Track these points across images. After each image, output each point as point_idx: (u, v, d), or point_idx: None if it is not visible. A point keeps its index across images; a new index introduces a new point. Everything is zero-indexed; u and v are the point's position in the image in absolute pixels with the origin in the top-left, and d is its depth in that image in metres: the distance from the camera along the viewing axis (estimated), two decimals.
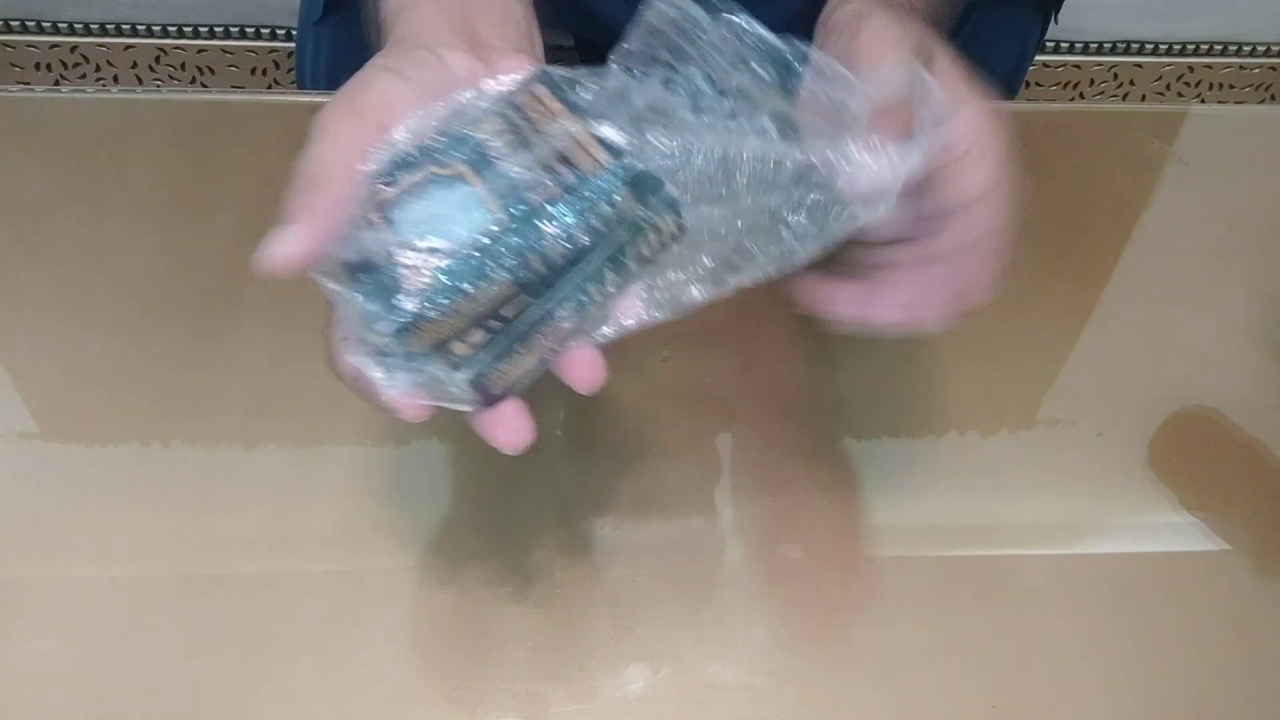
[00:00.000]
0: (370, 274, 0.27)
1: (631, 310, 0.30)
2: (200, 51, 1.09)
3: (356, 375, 0.29)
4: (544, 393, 0.45)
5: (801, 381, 0.47)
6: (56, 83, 1.09)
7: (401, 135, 0.29)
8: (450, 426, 0.44)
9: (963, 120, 0.33)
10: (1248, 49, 1.18)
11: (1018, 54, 0.68)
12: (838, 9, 0.36)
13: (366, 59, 0.51)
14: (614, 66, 0.30)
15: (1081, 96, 1.20)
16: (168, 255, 0.50)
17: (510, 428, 0.30)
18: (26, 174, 0.54)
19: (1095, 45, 1.18)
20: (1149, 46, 1.18)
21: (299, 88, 0.71)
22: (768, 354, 0.48)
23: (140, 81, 1.10)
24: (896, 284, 0.35)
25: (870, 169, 0.29)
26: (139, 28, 1.08)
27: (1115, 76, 1.20)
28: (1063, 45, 1.17)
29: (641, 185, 0.27)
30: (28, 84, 1.00)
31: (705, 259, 0.29)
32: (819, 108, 0.31)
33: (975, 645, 0.38)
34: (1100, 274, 0.54)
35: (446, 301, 0.26)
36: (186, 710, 0.35)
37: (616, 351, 0.47)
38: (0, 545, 0.39)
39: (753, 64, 0.29)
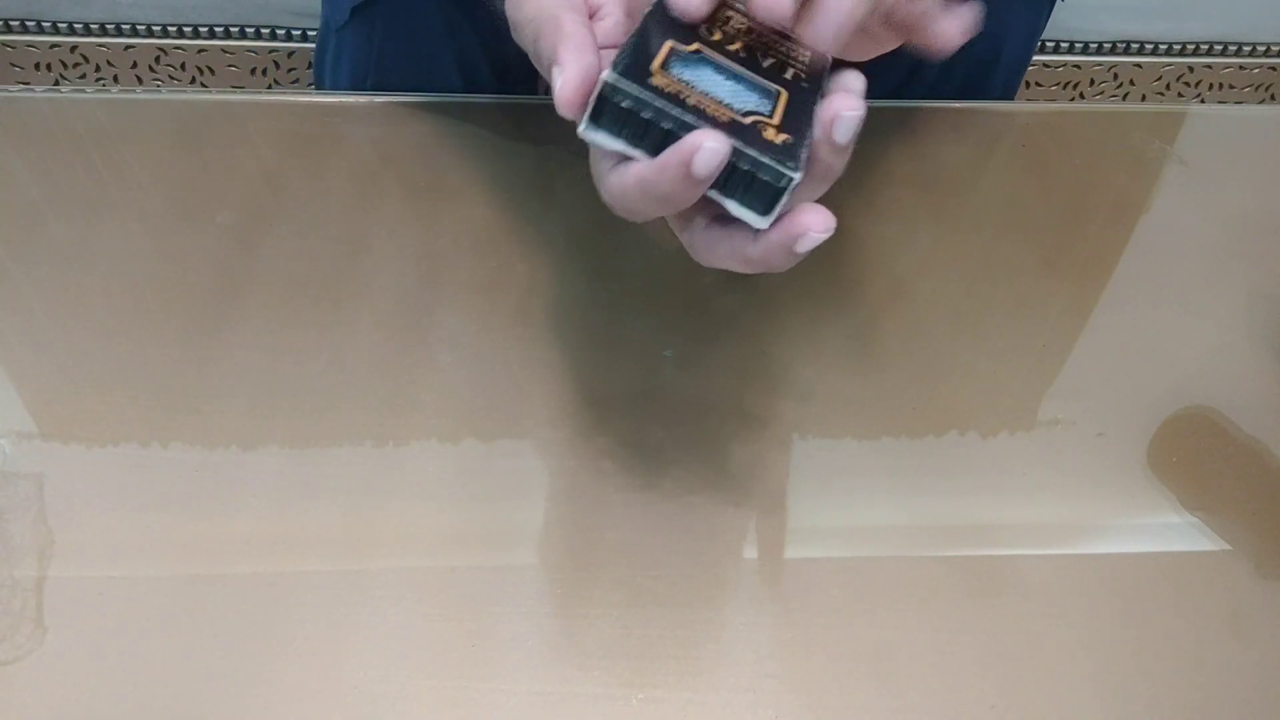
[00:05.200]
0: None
1: None
2: (200, 51, 1.09)
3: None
4: (543, 393, 0.45)
5: (802, 380, 0.47)
6: (56, 83, 1.09)
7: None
8: (450, 427, 0.44)
9: None
10: (1248, 49, 1.18)
11: (1026, 34, 0.68)
12: None
13: (387, 63, 0.53)
14: None
15: (1081, 96, 1.20)
16: (168, 255, 0.50)
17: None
18: (26, 174, 0.54)
19: (1095, 45, 1.18)
20: (1149, 46, 1.18)
21: (316, 87, 0.71)
22: (768, 353, 0.48)
23: (140, 81, 1.10)
24: None
25: None
26: (139, 28, 1.08)
27: (1115, 76, 1.20)
28: (1063, 45, 1.17)
29: None
30: (28, 84, 1.00)
31: None
32: None
33: (975, 645, 0.38)
34: (1100, 274, 0.54)
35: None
36: (186, 710, 0.35)
37: (617, 349, 0.48)
38: (0, 546, 0.39)
39: None
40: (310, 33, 1.07)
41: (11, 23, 1.07)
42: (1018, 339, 0.50)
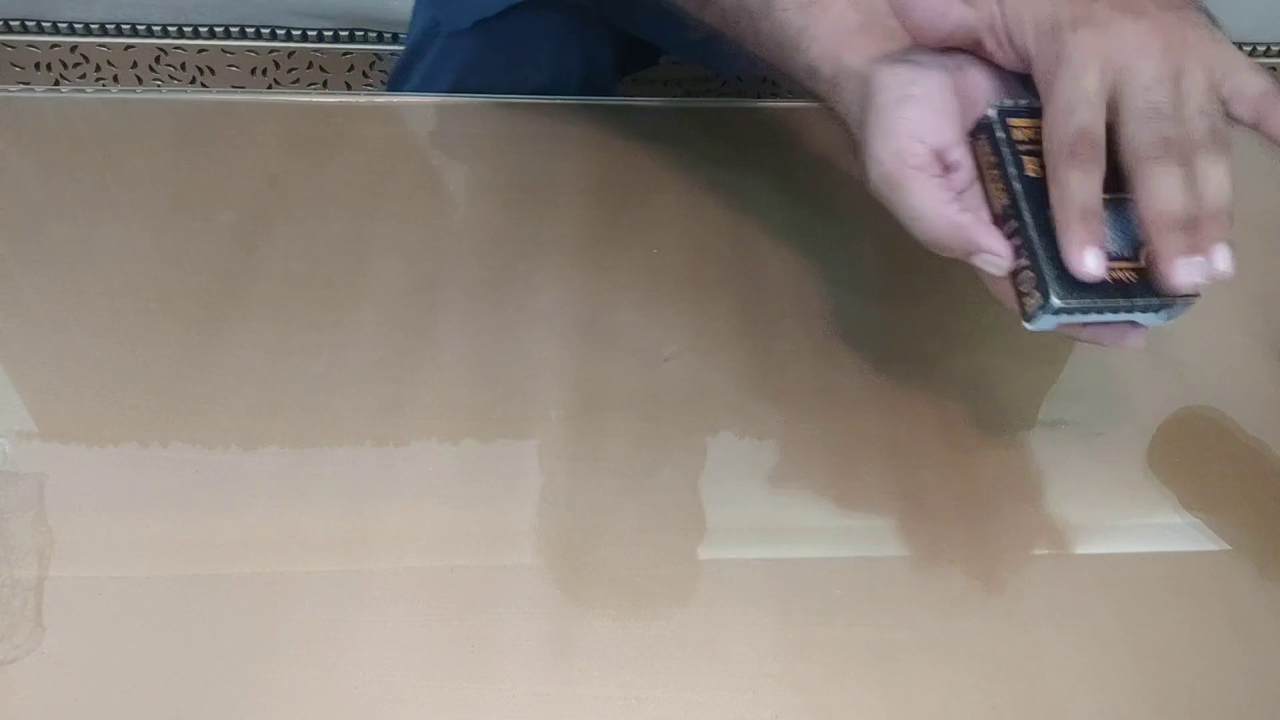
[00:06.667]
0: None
1: None
2: (200, 51, 1.09)
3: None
4: (543, 393, 0.45)
5: (801, 382, 0.47)
6: (56, 83, 1.09)
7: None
8: (450, 427, 0.44)
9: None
10: (1248, 49, 1.18)
11: None
12: None
13: (489, 71, 0.62)
14: None
15: None
16: (168, 255, 0.50)
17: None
18: (26, 174, 0.54)
19: None
20: None
21: (390, 89, 0.71)
22: (768, 354, 0.48)
23: (140, 81, 1.10)
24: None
25: None
26: (139, 28, 1.07)
27: None
28: None
29: None
30: (28, 84, 1.00)
31: None
32: None
33: (975, 645, 0.38)
34: None
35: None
36: (186, 710, 0.35)
37: (617, 350, 0.48)
38: (0, 546, 0.39)
39: None
40: (310, 33, 1.07)
41: (11, 23, 1.07)
42: (1018, 339, 0.50)
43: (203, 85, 1.10)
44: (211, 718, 0.35)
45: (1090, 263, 0.35)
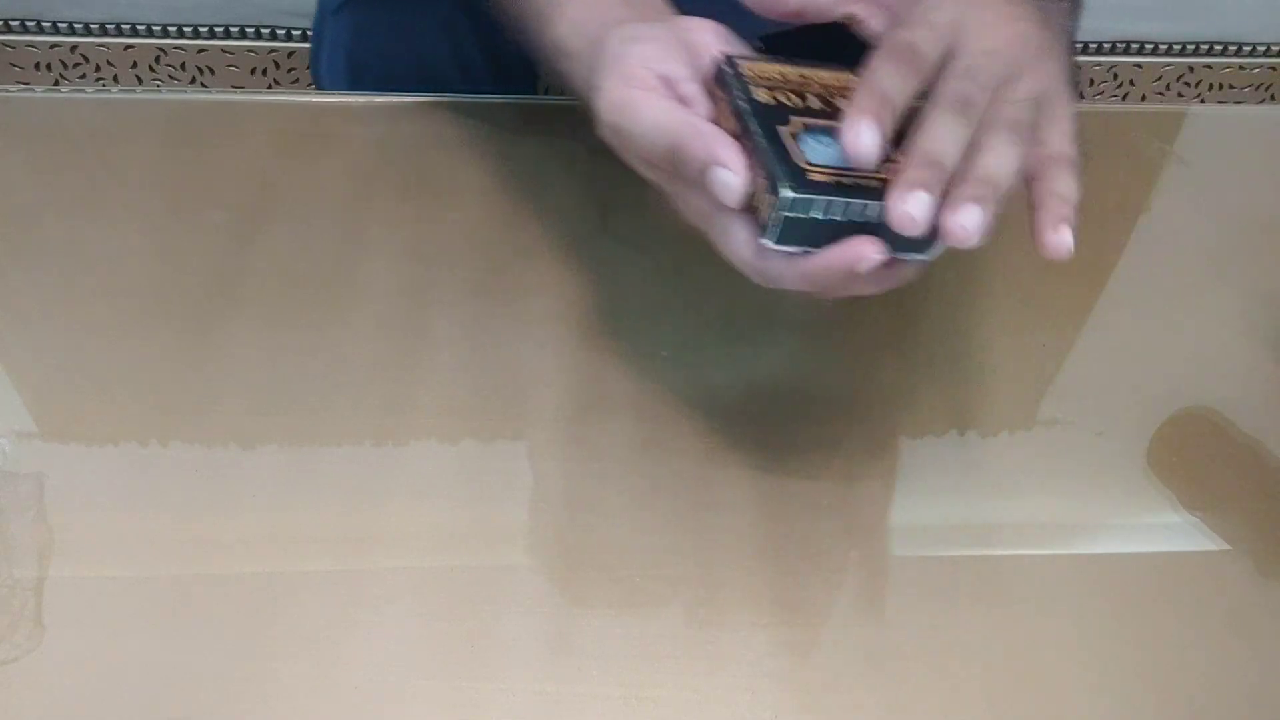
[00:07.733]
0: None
1: None
2: (200, 51, 1.09)
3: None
4: (541, 392, 0.45)
5: (800, 381, 0.47)
6: (56, 83, 1.09)
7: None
8: (449, 427, 0.44)
9: None
10: (1248, 49, 1.18)
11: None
12: None
13: (382, 54, 0.59)
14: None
15: (1081, 96, 1.21)
16: (167, 255, 0.50)
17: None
18: (26, 174, 0.54)
19: (1095, 45, 1.18)
20: (1149, 46, 1.19)
21: (315, 83, 0.71)
22: (766, 354, 0.48)
23: (140, 81, 1.10)
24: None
25: None
26: (139, 28, 1.08)
27: (1115, 76, 1.21)
28: None
29: None
30: (28, 84, 1.00)
31: None
32: None
33: (975, 645, 0.38)
34: (1100, 274, 0.54)
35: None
36: (186, 710, 0.35)
37: (614, 349, 0.48)
38: (0, 546, 0.39)
39: None
40: (310, 33, 1.07)
41: (11, 23, 1.07)
42: (1017, 339, 0.50)
43: (202, 85, 1.11)
44: (211, 717, 0.35)
45: (866, 132, 0.33)
